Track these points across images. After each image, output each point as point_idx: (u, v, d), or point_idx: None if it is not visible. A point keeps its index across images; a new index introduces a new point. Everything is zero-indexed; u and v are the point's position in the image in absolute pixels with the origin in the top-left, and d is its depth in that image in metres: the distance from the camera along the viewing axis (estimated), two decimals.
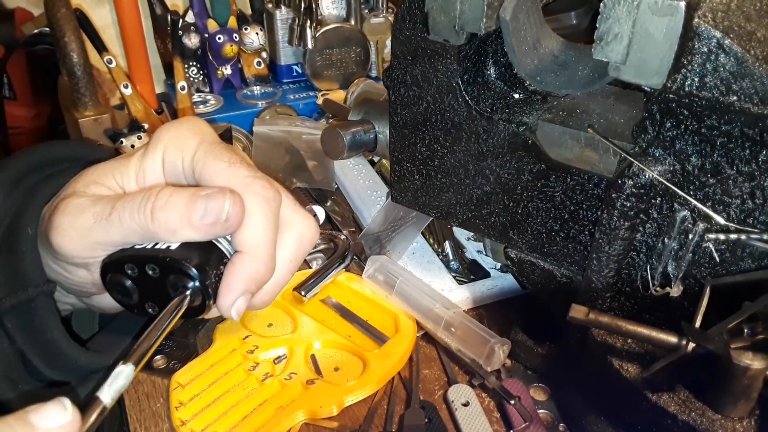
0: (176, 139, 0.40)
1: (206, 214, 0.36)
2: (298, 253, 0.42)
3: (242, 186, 0.38)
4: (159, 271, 0.38)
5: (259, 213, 0.38)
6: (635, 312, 0.46)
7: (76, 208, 0.38)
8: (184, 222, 0.36)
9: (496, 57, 0.51)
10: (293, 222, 0.42)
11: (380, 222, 0.66)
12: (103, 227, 0.37)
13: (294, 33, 0.99)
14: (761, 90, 0.34)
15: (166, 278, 0.38)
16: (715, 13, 0.35)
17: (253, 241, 0.38)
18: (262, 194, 0.38)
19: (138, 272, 0.38)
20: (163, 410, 0.50)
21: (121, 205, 0.37)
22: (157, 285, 0.38)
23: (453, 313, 0.55)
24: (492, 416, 0.49)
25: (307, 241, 0.42)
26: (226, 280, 0.38)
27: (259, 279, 0.39)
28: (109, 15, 1.01)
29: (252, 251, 0.38)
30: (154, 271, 0.38)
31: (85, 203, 0.38)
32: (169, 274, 0.38)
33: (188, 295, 0.37)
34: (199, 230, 0.37)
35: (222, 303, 0.38)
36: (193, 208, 0.36)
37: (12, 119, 1.11)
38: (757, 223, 0.38)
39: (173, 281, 0.38)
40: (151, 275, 0.38)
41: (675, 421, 0.39)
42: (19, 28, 1.03)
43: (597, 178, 0.44)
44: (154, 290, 0.39)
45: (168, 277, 0.38)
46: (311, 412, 0.49)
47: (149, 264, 0.38)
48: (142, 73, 0.96)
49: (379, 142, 0.61)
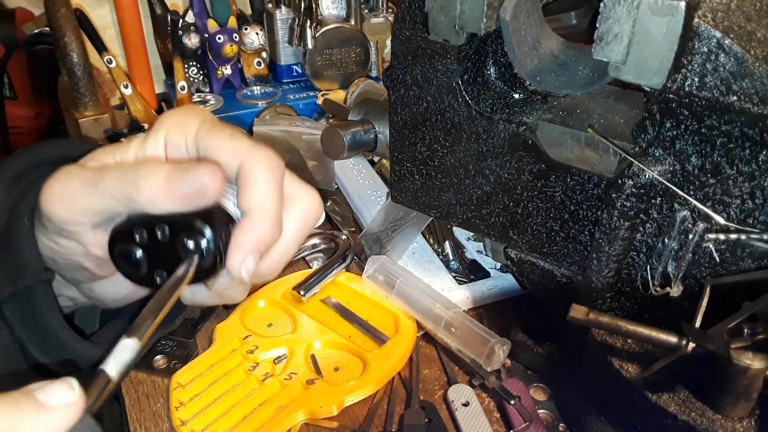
0: (178, 124, 0.40)
1: (185, 184, 0.37)
2: (304, 224, 0.42)
3: (246, 153, 0.39)
4: (169, 233, 0.38)
5: (264, 176, 0.39)
6: (635, 312, 0.46)
7: (67, 175, 0.39)
8: (165, 192, 0.37)
9: (496, 57, 0.51)
10: (298, 196, 0.42)
11: (380, 222, 0.66)
12: (89, 193, 0.38)
13: (294, 33, 0.99)
14: (761, 90, 0.34)
15: (177, 239, 0.37)
16: (715, 13, 0.35)
17: (260, 202, 0.39)
18: (266, 160, 0.39)
19: (147, 237, 0.38)
20: (163, 410, 0.50)
21: (109, 174, 0.38)
22: (168, 249, 0.38)
23: (453, 313, 0.55)
24: (492, 416, 0.49)
25: (312, 214, 0.43)
26: (235, 239, 0.38)
27: (267, 239, 0.39)
28: (109, 15, 1.01)
29: (259, 211, 0.39)
30: (164, 234, 0.38)
31: (76, 171, 0.39)
32: (179, 233, 0.37)
33: (199, 255, 0.37)
34: (177, 200, 0.37)
35: (232, 261, 0.38)
36: (173, 179, 0.37)
37: (12, 119, 1.11)
38: (757, 223, 0.38)
39: (184, 241, 0.37)
40: (161, 239, 0.38)
41: (675, 421, 0.39)
42: (20, 28, 1.04)
43: (597, 178, 0.44)
44: (164, 256, 0.38)
45: (178, 237, 0.37)
46: (311, 412, 0.49)
47: (159, 225, 0.38)
48: (142, 73, 0.96)
49: (379, 142, 0.61)
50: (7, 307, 0.41)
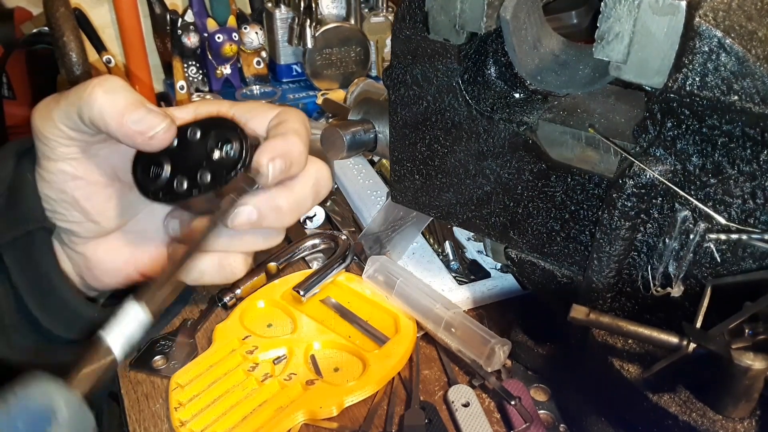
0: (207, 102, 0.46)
1: (139, 121, 0.38)
2: (319, 185, 0.44)
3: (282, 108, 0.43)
4: (200, 131, 0.39)
5: (297, 120, 0.42)
6: (636, 312, 0.46)
7: (54, 95, 0.40)
8: (117, 116, 0.37)
9: (496, 56, 0.51)
10: (314, 161, 0.44)
11: (380, 222, 0.66)
12: (57, 101, 0.39)
13: (294, 32, 0.99)
14: (762, 90, 0.34)
15: (207, 136, 0.39)
16: (716, 12, 0.35)
17: (293, 128, 0.41)
18: (298, 113, 0.42)
19: (177, 140, 0.40)
20: (163, 411, 0.50)
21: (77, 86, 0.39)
22: (196, 149, 0.39)
23: (453, 314, 0.55)
24: (492, 417, 0.49)
25: (326, 179, 0.45)
26: (268, 142, 0.40)
27: (295, 158, 0.41)
28: (108, 14, 1.01)
29: (292, 131, 0.41)
30: (194, 134, 0.39)
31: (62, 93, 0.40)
32: (210, 130, 0.39)
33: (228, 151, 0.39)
34: (123, 131, 0.38)
35: (262, 156, 0.39)
36: (131, 110, 0.37)
37: (11, 119, 1.11)
38: (758, 223, 0.38)
39: (216, 137, 0.39)
40: (190, 138, 0.39)
41: (676, 422, 0.39)
42: (18, 28, 1.03)
43: (598, 177, 0.44)
44: (191, 158, 0.39)
45: (209, 134, 0.39)
46: (311, 413, 0.49)
47: (192, 127, 0.40)
48: (141, 73, 0.96)
49: (379, 141, 0.61)
50: (6, 252, 0.42)
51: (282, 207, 0.42)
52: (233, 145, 0.39)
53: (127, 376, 0.53)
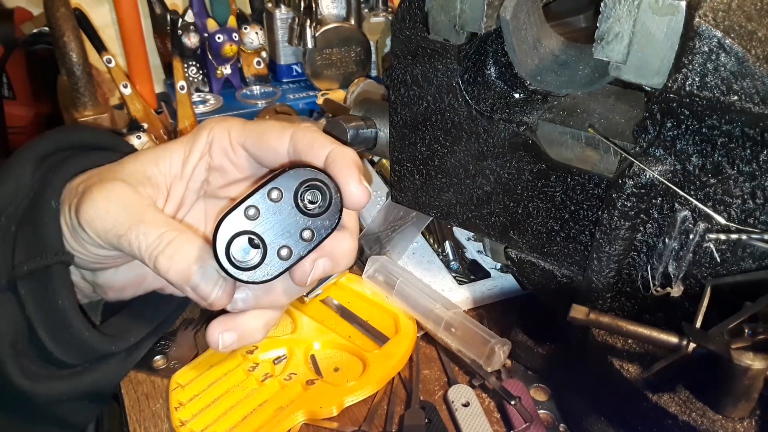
0: (219, 122, 0.43)
1: (194, 289, 0.38)
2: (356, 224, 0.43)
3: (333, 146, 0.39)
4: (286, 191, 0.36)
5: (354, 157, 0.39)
6: (636, 312, 0.46)
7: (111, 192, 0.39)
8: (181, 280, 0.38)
9: (496, 56, 0.51)
10: None
11: (380, 222, 0.66)
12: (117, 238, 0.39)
13: (294, 32, 0.99)
14: (762, 90, 0.34)
15: (297, 194, 0.36)
16: (716, 12, 0.35)
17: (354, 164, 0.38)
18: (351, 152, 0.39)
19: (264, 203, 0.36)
20: (163, 411, 0.50)
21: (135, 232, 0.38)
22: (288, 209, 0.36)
23: (453, 314, 0.55)
24: (492, 417, 0.49)
25: None
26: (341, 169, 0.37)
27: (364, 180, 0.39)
28: (108, 14, 1.01)
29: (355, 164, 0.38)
30: (279, 194, 0.36)
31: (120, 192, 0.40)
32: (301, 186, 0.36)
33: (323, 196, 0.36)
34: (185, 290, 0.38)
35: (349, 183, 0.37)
36: (189, 276, 0.38)
37: (11, 119, 1.11)
38: (758, 223, 0.38)
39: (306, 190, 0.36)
40: (275, 198, 0.36)
41: (675, 422, 0.39)
42: (19, 28, 1.03)
43: (597, 177, 0.44)
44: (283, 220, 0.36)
45: (299, 191, 0.36)
46: (311, 413, 0.49)
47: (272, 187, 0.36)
48: (141, 73, 0.96)
49: (379, 141, 0.61)
50: (22, 284, 0.41)
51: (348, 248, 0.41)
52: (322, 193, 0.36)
53: (128, 376, 0.53)
